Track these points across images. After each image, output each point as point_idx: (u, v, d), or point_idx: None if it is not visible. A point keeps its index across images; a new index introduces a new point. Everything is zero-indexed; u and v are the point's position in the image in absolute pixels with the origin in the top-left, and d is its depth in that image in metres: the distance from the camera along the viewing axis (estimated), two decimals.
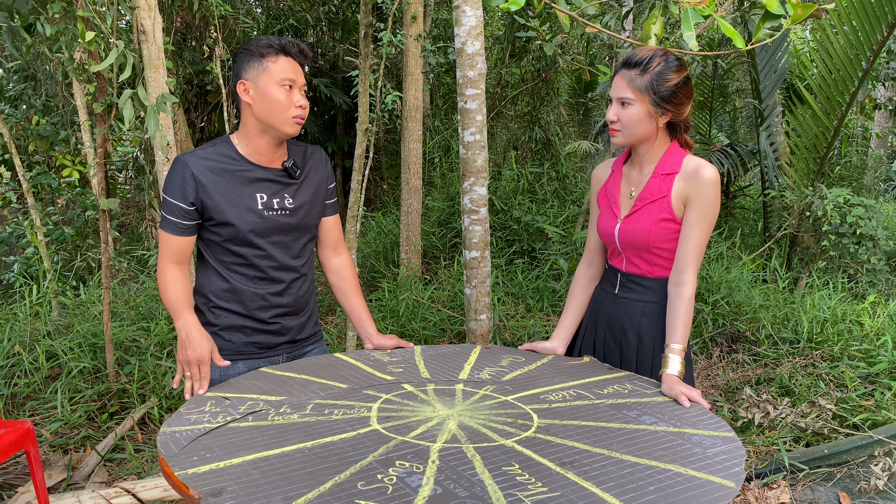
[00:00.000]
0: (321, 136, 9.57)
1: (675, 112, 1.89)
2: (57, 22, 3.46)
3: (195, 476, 1.30)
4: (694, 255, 1.88)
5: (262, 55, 1.91)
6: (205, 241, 2.01)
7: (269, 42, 1.93)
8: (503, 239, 5.89)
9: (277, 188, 2.01)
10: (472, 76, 3.25)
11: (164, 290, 1.97)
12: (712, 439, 1.50)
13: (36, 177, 5.97)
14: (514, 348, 2.18)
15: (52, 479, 3.03)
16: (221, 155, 1.96)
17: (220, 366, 1.96)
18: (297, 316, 2.11)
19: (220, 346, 2.02)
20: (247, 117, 1.96)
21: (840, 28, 5.22)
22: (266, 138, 1.97)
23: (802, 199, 5.49)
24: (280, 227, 2.00)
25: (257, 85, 1.91)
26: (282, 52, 1.93)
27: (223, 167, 1.95)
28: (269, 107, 1.91)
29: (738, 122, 8.75)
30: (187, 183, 1.90)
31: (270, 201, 1.98)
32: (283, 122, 1.93)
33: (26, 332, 4.11)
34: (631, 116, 1.89)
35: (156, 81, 3.93)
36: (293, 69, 1.94)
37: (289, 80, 1.91)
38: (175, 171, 1.92)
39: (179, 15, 6.56)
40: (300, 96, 1.95)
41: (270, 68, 1.91)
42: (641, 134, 1.91)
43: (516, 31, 6.80)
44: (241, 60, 1.94)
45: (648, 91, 1.85)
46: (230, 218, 1.93)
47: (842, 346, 4.09)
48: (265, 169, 2.00)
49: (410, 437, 1.47)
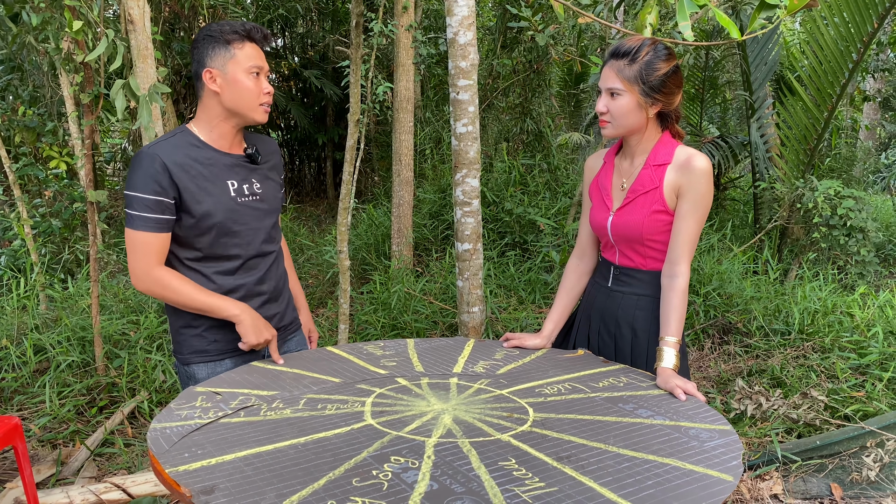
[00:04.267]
0: (311, 127, 9.52)
1: (665, 102, 1.87)
2: (43, 11, 3.41)
3: (186, 473, 1.28)
4: (687, 247, 1.86)
5: (227, 42, 1.86)
6: (178, 239, 1.90)
7: (233, 28, 1.87)
8: (495, 231, 5.87)
9: (245, 174, 1.98)
10: (465, 67, 3.22)
11: (174, 289, 1.86)
12: (709, 433, 1.49)
13: (23, 168, 5.90)
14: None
15: (41, 475, 3.00)
16: (186, 144, 1.89)
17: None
18: (277, 302, 2.10)
19: (203, 347, 1.97)
20: (212, 105, 1.91)
21: (831, 19, 5.22)
22: (231, 123, 1.94)
23: (793, 190, 5.50)
24: (253, 213, 1.98)
25: (225, 73, 1.87)
26: (247, 38, 1.88)
27: (192, 156, 1.88)
28: (239, 95, 1.88)
29: (729, 114, 8.76)
30: (160, 175, 1.80)
31: (241, 188, 1.96)
32: (252, 109, 1.91)
33: (13, 326, 4.07)
34: (620, 107, 1.86)
35: (144, 72, 3.88)
36: (259, 55, 1.91)
37: (256, 66, 1.88)
38: (144, 164, 1.81)
39: (168, 5, 6.48)
40: (266, 82, 1.93)
41: (238, 56, 1.86)
42: (632, 125, 1.89)
43: (508, 21, 6.77)
44: (204, 47, 1.88)
45: (637, 81, 1.83)
46: (208, 208, 1.87)
47: (833, 337, 4.10)
48: (231, 155, 1.96)
49: (405, 432, 1.46)
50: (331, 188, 10.18)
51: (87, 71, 3.36)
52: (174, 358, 2.04)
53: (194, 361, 1.98)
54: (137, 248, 1.84)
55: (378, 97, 5.30)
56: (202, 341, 1.96)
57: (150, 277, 1.85)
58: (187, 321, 1.95)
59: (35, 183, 6.15)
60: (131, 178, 1.83)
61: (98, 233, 3.84)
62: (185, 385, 2.01)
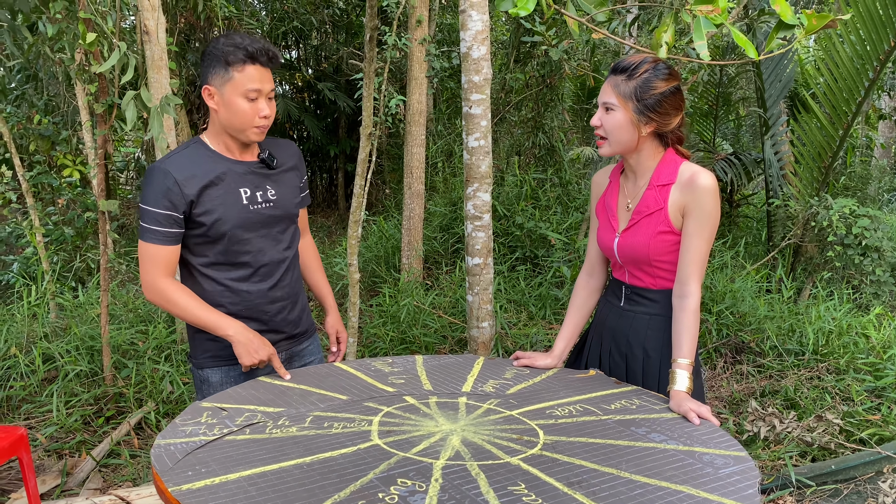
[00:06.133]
0: (324, 139, 9.54)
1: (660, 122, 1.82)
2: (59, 22, 3.43)
3: (189, 492, 1.26)
4: (696, 266, 1.83)
5: (228, 63, 1.84)
6: (191, 247, 1.94)
7: (236, 47, 1.84)
8: (505, 245, 5.84)
9: (258, 180, 1.99)
10: (478, 81, 3.21)
11: (177, 303, 1.89)
12: (724, 458, 1.46)
13: (36, 176, 5.93)
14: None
15: (47, 485, 2.99)
16: (198, 156, 1.92)
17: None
18: (293, 309, 2.11)
19: (217, 352, 1.99)
20: (214, 119, 1.94)
21: (847, 37, 5.18)
22: (234, 138, 1.95)
23: (807, 208, 5.44)
24: (266, 220, 1.99)
25: (222, 94, 1.87)
26: (249, 60, 1.85)
27: (205, 168, 1.90)
28: (232, 116, 1.88)
29: (743, 131, 8.72)
30: (171, 190, 1.84)
31: (254, 195, 1.97)
32: (244, 131, 1.91)
33: (23, 334, 4.07)
34: (613, 122, 1.84)
35: (158, 82, 3.90)
36: (260, 77, 1.87)
37: (254, 90, 1.86)
38: (156, 179, 1.85)
39: (183, 16, 6.53)
40: (265, 104, 1.90)
41: (236, 78, 1.85)
42: (624, 142, 1.85)
43: (522, 35, 6.77)
44: (207, 63, 1.88)
45: (632, 98, 1.80)
46: (220, 217, 1.90)
47: (848, 358, 4.04)
48: (243, 163, 1.97)
49: (413, 454, 1.43)
50: (342, 199, 10.19)
51: (102, 81, 3.38)
52: (190, 363, 2.07)
53: (207, 365, 2.01)
54: (147, 260, 1.89)
55: (390, 110, 5.30)
56: (215, 346, 1.99)
57: (156, 288, 1.89)
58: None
59: (49, 191, 6.18)
60: (144, 191, 1.87)
61: (109, 242, 3.84)
62: (200, 389, 2.06)
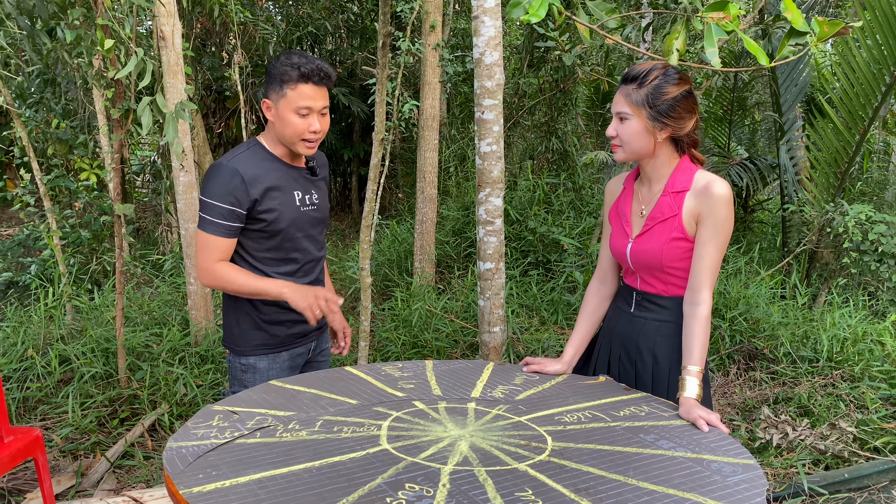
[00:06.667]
0: (338, 143, 9.58)
1: (675, 127, 1.84)
2: (77, 28, 3.47)
3: (200, 495, 1.27)
4: (708, 274, 1.83)
5: (283, 81, 2.02)
6: (247, 242, 2.11)
7: (291, 66, 2.01)
8: (518, 250, 5.84)
9: (307, 185, 2.21)
10: (490, 87, 3.22)
11: (232, 280, 2.06)
12: (732, 466, 1.46)
13: (54, 180, 6.01)
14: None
15: (61, 486, 3.02)
16: (260, 158, 2.11)
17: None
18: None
19: (264, 341, 2.18)
20: (271, 127, 2.13)
21: (863, 42, 5.14)
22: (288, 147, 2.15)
23: (822, 214, 5.40)
24: (311, 221, 2.20)
25: (277, 108, 2.06)
26: (302, 79, 2.02)
27: (265, 168, 2.09)
28: (284, 130, 2.07)
29: (758, 136, 8.66)
30: (238, 188, 2.01)
31: (304, 198, 2.18)
32: (294, 143, 2.09)
33: (40, 336, 4.12)
34: (628, 131, 1.85)
35: (174, 87, 3.94)
36: (313, 95, 2.04)
37: (306, 108, 2.04)
38: (223, 176, 2.02)
39: (199, 21, 6.59)
40: (316, 120, 2.07)
41: (289, 96, 2.02)
42: (640, 149, 1.87)
43: (535, 40, 6.77)
44: (267, 80, 2.08)
45: (645, 105, 1.82)
46: (279, 215, 2.09)
47: (863, 366, 4.00)
48: (295, 168, 2.18)
49: (421, 459, 1.44)
50: (356, 203, 10.23)
51: (118, 86, 3.42)
52: (230, 352, 2.24)
53: (255, 353, 2.19)
54: (207, 249, 2.06)
55: (404, 115, 5.32)
56: (262, 335, 2.18)
57: (212, 272, 2.07)
58: (252, 316, 2.16)
59: (66, 194, 6.26)
60: (209, 186, 2.03)
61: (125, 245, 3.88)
62: (238, 377, 2.22)
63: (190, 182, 4.08)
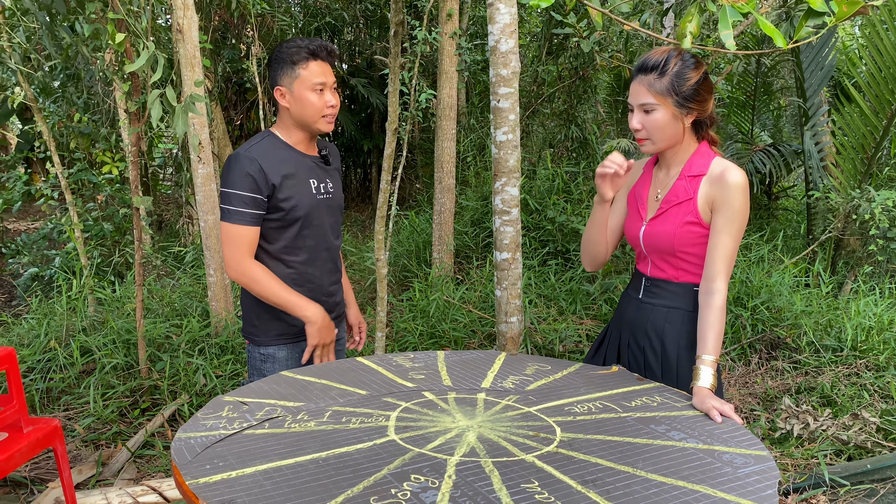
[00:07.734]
0: (357, 134, 9.59)
1: (700, 109, 1.85)
2: (94, 22, 3.50)
3: (206, 486, 1.28)
4: (723, 263, 1.81)
5: (294, 62, 2.08)
6: (267, 232, 2.13)
7: (299, 47, 2.07)
8: (536, 239, 5.81)
9: (321, 173, 2.24)
10: (506, 74, 3.19)
11: (259, 281, 2.07)
12: (744, 458, 1.43)
13: (77, 173, 6.08)
14: (540, 356, 2.11)
15: (83, 475, 3.07)
16: (275, 147, 2.14)
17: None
18: (339, 292, 2.37)
19: (283, 331, 2.20)
20: (286, 116, 2.17)
21: (891, 24, 5.02)
22: (304, 132, 2.19)
23: (848, 201, 5.30)
24: (328, 209, 2.24)
25: (292, 91, 2.10)
26: (311, 56, 2.09)
27: (281, 157, 2.12)
28: (303, 110, 2.11)
29: (782, 121, 8.51)
30: (257, 176, 2.04)
31: (319, 186, 2.21)
32: (316, 121, 2.14)
33: (62, 327, 4.18)
34: (656, 122, 1.84)
35: (191, 80, 3.95)
36: (323, 71, 2.11)
37: (320, 83, 2.10)
38: (242, 164, 2.05)
39: (217, 13, 6.61)
40: (331, 95, 2.14)
41: (302, 75, 2.08)
42: (671, 137, 1.87)
43: (553, 28, 6.70)
44: (274, 67, 2.12)
45: (670, 93, 1.81)
46: (297, 203, 2.11)
47: (888, 354, 3.93)
48: (309, 156, 2.22)
49: (428, 450, 1.43)
50: (375, 194, 10.24)
51: (135, 80, 3.44)
52: (248, 342, 2.22)
53: (275, 343, 2.21)
54: (232, 240, 2.07)
55: (421, 104, 5.30)
56: (282, 325, 2.19)
57: (241, 268, 2.08)
58: (270, 307, 2.17)
59: (88, 188, 6.33)
60: (229, 176, 2.06)
61: (145, 237, 3.92)
62: (258, 366, 2.25)
63: (208, 174, 4.10)
